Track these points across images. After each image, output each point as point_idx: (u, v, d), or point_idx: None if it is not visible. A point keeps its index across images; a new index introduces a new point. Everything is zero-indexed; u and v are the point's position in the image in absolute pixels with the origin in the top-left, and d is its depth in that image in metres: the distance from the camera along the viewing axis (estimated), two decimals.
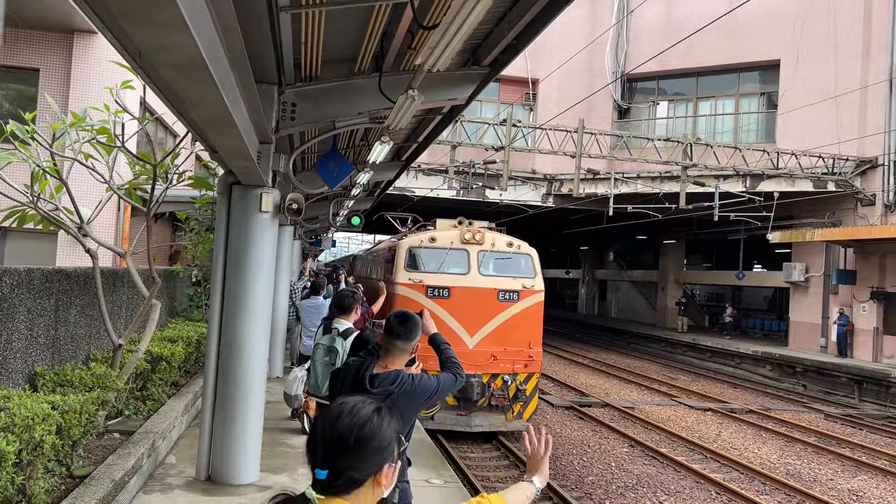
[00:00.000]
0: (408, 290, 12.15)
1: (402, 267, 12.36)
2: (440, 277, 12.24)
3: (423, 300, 11.90)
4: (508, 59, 6.65)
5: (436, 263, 12.43)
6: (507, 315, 12.30)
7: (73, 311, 7.08)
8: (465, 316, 12.08)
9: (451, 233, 12.81)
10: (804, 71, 25.21)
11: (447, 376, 3.56)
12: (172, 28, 2.36)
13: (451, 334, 11.74)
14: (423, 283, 12.15)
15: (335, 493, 1.70)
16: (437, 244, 12.59)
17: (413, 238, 12.93)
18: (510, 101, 27.82)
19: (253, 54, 4.96)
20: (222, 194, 6.44)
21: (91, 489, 4.91)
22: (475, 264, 12.43)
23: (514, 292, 12.43)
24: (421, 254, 12.53)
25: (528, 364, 12.41)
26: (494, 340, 12.18)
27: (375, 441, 1.72)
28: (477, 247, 12.60)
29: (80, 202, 7.30)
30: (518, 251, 12.90)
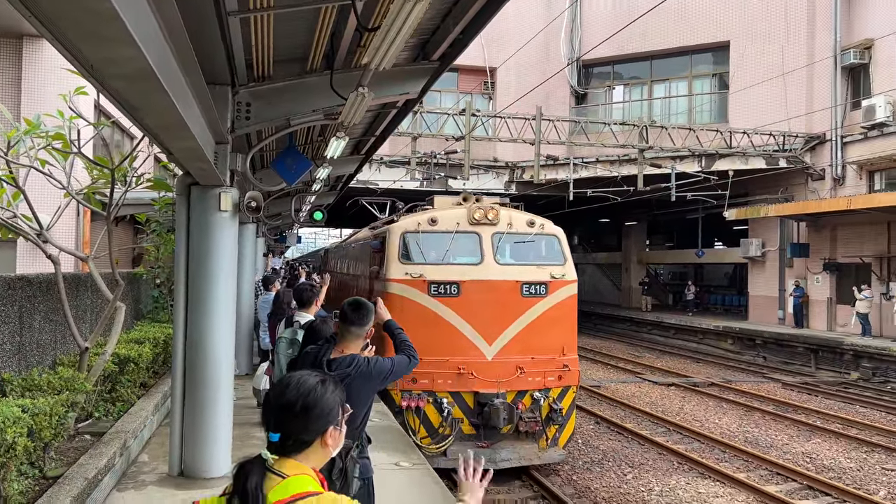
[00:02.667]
0: (404, 289, 9.60)
1: (395, 258, 9.82)
2: (446, 270, 9.71)
3: (426, 301, 9.47)
4: (457, 53, 6.85)
5: (439, 251, 9.91)
6: (535, 314, 9.78)
7: (38, 317, 7.14)
8: (481, 318, 9.52)
9: (455, 212, 10.19)
10: (753, 51, 25.84)
11: (401, 358, 3.79)
12: (120, 42, 2.52)
13: (463, 343, 9.47)
14: (425, 279, 9.54)
15: (287, 453, 1.96)
16: (440, 226, 9.98)
17: (408, 220, 10.29)
18: (469, 90, 28.02)
19: (205, 58, 5.09)
20: (181, 195, 6.55)
21: (65, 488, 5.03)
22: (489, 250, 9.86)
23: (542, 284, 9.87)
24: (419, 240, 9.93)
25: (563, 376, 9.84)
26: (519, 348, 9.63)
27: (318, 407, 1.98)
28: (490, 228, 10.01)
29: (39, 209, 7.34)
30: (542, 231, 10.35)
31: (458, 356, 9.39)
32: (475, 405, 9.39)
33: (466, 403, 9.45)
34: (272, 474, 1.92)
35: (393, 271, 9.78)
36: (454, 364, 9.34)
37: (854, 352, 19.64)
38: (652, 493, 9.74)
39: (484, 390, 9.32)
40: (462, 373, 9.32)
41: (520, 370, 9.54)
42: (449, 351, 9.36)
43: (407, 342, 3.91)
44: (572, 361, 9.98)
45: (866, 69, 23.10)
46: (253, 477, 1.91)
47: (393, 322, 4.00)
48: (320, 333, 4.26)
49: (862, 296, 20.67)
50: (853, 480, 10.31)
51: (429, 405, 9.26)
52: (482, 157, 25.96)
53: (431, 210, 10.68)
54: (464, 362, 9.36)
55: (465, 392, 9.41)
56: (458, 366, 9.34)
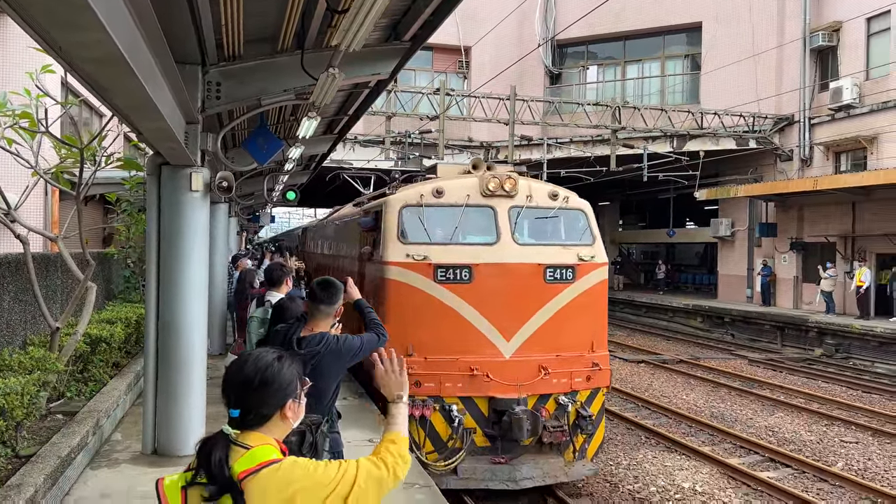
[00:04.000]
0: (404, 274, 8.12)
1: (393, 237, 8.33)
2: (455, 251, 8.24)
3: (431, 288, 8.07)
4: (428, 34, 6.88)
5: (446, 229, 8.45)
6: (560, 303, 8.36)
7: (7, 297, 7.10)
8: (497, 309, 8.13)
9: (465, 181, 8.64)
10: (724, 32, 26.08)
11: (370, 336, 3.88)
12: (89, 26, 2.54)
13: (476, 339, 8.07)
14: (430, 262, 8.09)
15: (248, 427, 2.05)
16: (447, 199, 8.47)
17: (408, 192, 8.74)
18: (443, 69, 27.94)
19: (174, 37, 5.08)
20: (152, 175, 6.54)
21: (38, 466, 5.08)
22: (506, 228, 8.39)
23: (568, 268, 8.44)
24: (423, 215, 8.42)
25: (593, 376, 8.50)
26: (542, 344, 8.26)
27: (276, 382, 2.07)
28: (507, 201, 8.52)
29: (6, 188, 7.27)
30: (566, 205, 8.86)
31: (469, 354, 8.01)
32: (490, 412, 8.03)
33: (480, 411, 8.06)
34: (236, 447, 2.00)
35: (391, 253, 8.23)
36: (465, 364, 7.96)
37: (818, 329, 20.17)
38: (619, 466, 10.01)
39: (501, 395, 7.97)
40: (475, 374, 7.95)
41: (543, 371, 8.14)
42: (459, 348, 8.01)
43: (376, 321, 4.01)
44: (603, 359, 8.60)
45: (834, 52, 23.47)
46: (217, 451, 1.98)
47: (362, 301, 4.09)
48: (288, 312, 4.34)
49: (826, 274, 21.17)
50: (813, 452, 10.68)
51: (435, 414, 7.90)
52: (457, 136, 25.97)
53: (436, 180, 9.01)
54: (477, 362, 7.99)
55: (478, 397, 8.04)
56: (471, 366, 7.96)
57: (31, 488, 4.64)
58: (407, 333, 7.87)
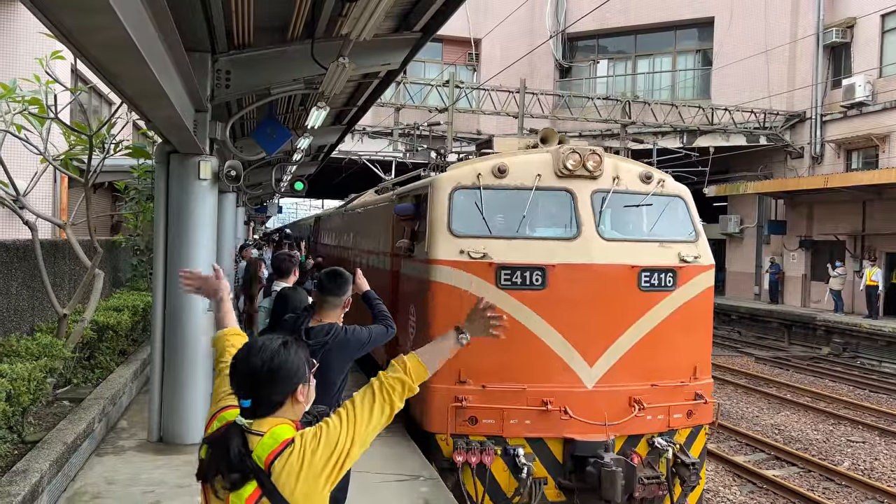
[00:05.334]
0: (456, 276, 6.44)
1: (442, 227, 6.63)
2: (523, 247, 6.53)
3: (492, 295, 6.07)
4: (439, 24, 6.83)
5: (511, 219, 6.76)
6: (657, 317, 6.66)
7: (15, 283, 7.12)
8: (578, 324, 6.43)
9: (534, 158, 6.92)
10: (737, 27, 25.87)
11: (379, 328, 3.86)
12: (98, 10, 2.52)
13: (550, 363, 6.39)
14: (491, 260, 6.40)
15: (261, 416, 2.04)
16: (511, 180, 6.74)
17: (461, 170, 7.03)
18: (453, 61, 27.84)
19: (184, 25, 5.06)
20: (160, 163, 6.53)
21: (44, 452, 5.08)
22: (589, 218, 6.66)
23: (668, 272, 6.72)
24: (481, 200, 6.68)
25: (695, 411, 6.79)
26: (634, 370, 6.56)
27: (284, 369, 2.05)
28: (589, 183, 6.76)
29: (15, 174, 7.27)
30: (662, 191, 7.08)
31: (541, 383, 6.36)
32: (567, 458, 6.37)
33: (553, 456, 6.43)
34: (253, 435, 2.00)
35: (439, 248, 6.51)
36: (535, 395, 6.32)
37: (826, 327, 20.06)
38: None
39: (582, 436, 6.31)
40: (548, 409, 6.28)
41: (636, 404, 6.45)
42: (527, 375, 6.37)
43: (385, 312, 3.98)
44: (707, 389, 6.91)
45: (848, 48, 23.25)
46: (234, 442, 1.98)
47: (371, 292, 4.06)
48: (291, 302, 4.33)
49: (835, 273, 21.05)
50: (819, 451, 10.63)
51: (497, 460, 6.26)
52: (465, 129, 25.89)
53: (496, 155, 7.27)
54: (551, 392, 6.33)
55: (551, 439, 6.39)
56: (543, 398, 6.30)
57: (36, 474, 4.65)
58: (459, 354, 6.25)
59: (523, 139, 8.03)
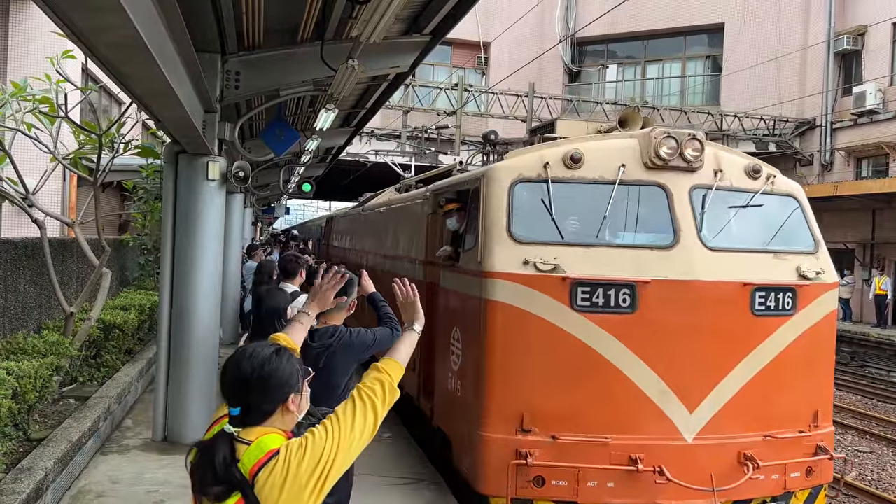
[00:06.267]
0: (520, 293, 5.11)
1: (499, 232, 5.28)
2: (605, 257, 5.22)
3: (565, 319, 5.05)
4: (449, 27, 6.83)
5: (588, 221, 5.41)
6: (774, 349, 5.34)
7: (23, 281, 7.15)
8: (674, 358, 5.11)
9: (615, 144, 5.61)
10: (747, 34, 25.81)
11: (384, 331, 3.83)
12: (109, 10, 2.52)
13: (639, 408, 5.07)
14: (565, 275, 5.08)
15: (251, 424, 1.99)
16: (587, 171, 5.40)
17: (522, 158, 5.61)
18: (462, 64, 27.87)
19: (195, 25, 5.07)
20: (169, 163, 6.54)
21: (49, 450, 5.09)
22: (689, 221, 5.32)
23: (787, 291, 5.39)
24: (550, 196, 5.31)
25: (815, 468, 5.47)
26: (744, 416, 5.23)
27: (274, 378, 2.00)
28: (686, 177, 5.44)
29: (25, 172, 7.30)
30: (773, 189, 5.76)
31: (628, 433, 5.04)
32: None
33: None
34: (241, 444, 1.95)
35: (497, 257, 5.14)
36: (622, 450, 4.99)
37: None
38: None
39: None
40: (638, 469, 4.93)
41: (748, 462, 5.11)
42: (610, 423, 5.05)
43: (390, 314, 3.95)
44: (828, 439, 5.58)
45: (859, 56, 23.16)
46: (220, 450, 1.93)
47: (377, 294, 4.04)
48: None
49: (844, 281, 20.92)
50: None
51: None
52: (473, 132, 25.86)
53: (565, 141, 5.77)
54: (641, 446, 5.00)
55: None
56: (631, 453, 4.99)
57: (41, 472, 4.66)
58: (521, 394, 4.99)
59: (593, 124, 6.68)
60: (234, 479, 1.90)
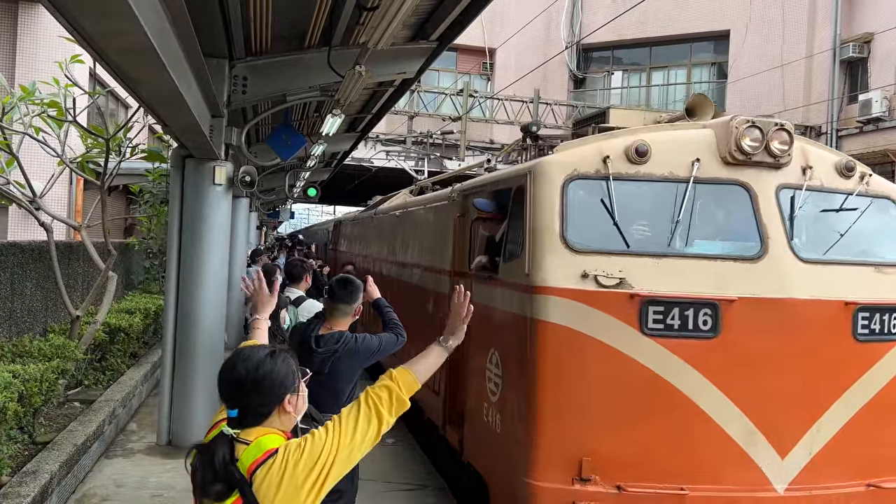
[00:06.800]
0: (577, 313, 4.26)
1: (550, 239, 4.42)
2: (680, 270, 4.37)
3: (632, 344, 4.21)
4: (455, 34, 6.85)
5: (657, 226, 4.65)
6: (878, 381, 4.56)
7: (29, 284, 7.17)
8: (763, 392, 4.29)
9: (689, 136, 4.77)
10: (753, 41, 25.81)
11: (389, 336, 3.84)
12: (119, 16, 2.54)
13: (722, 452, 4.25)
14: (632, 291, 4.25)
15: (249, 426, 2.01)
16: (655, 166, 4.57)
17: (578, 151, 4.73)
18: (467, 70, 27.92)
19: (203, 30, 5.09)
20: (176, 167, 6.57)
21: (54, 454, 5.10)
22: (777, 227, 4.51)
23: (893, 311, 4.62)
24: (612, 196, 4.45)
25: None
26: (846, 461, 4.43)
27: (269, 379, 2.02)
28: (773, 175, 4.66)
29: (32, 176, 7.34)
30: (867, 190, 4.94)
31: (707, 483, 4.27)
32: None
33: None
34: (240, 444, 1.98)
35: (549, 269, 4.34)
36: (699, 503, 4.26)
37: None
38: None
39: None
40: None
41: None
42: (686, 469, 4.27)
43: (395, 320, 3.96)
44: None
45: (864, 63, 23.12)
46: (219, 450, 1.95)
47: (382, 300, 4.05)
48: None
49: None
50: None
51: None
52: (478, 138, 25.90)
53: (626, 132, 4.87)
54: (723, 498, 4.29)
55: None
56: None
57: (46, 475, 4.67)
58: (578, 435, 4.22)
59: (651, 113, 5.88)
60: (234, 477, 1.92)
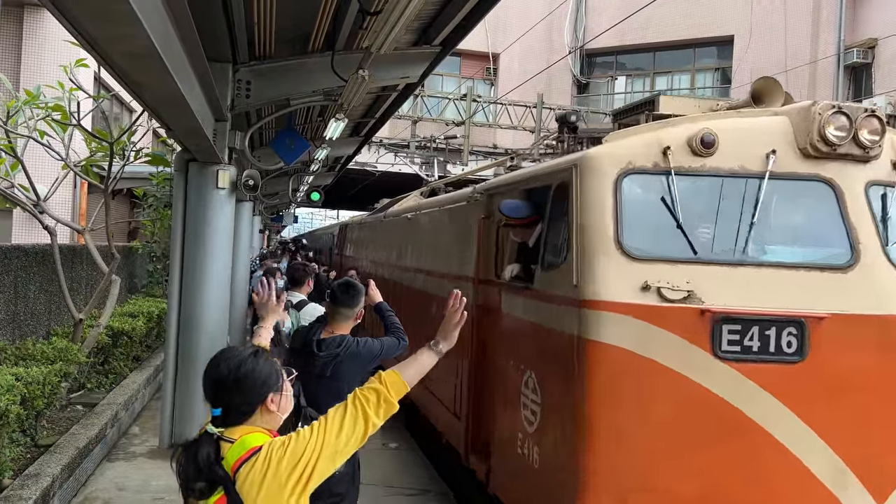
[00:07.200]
0: (639, 332, 3.60)
1: (603, 244, 3.77)
2: (758, 282, 3.70)
3: (704, 370, 3.57)
4: (458, 39, 6.86)
5: (726, 229, 3.88)
6: None
7: (33, 287, 7.18)
8: (857, 427, 3.62)
9: (761, 124, 4.09)
10: (757, 46, 25.81)
11: (391, 340, 3.84)
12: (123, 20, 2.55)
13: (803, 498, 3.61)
14: (703, 306, 3.59)
15: (232, 424, 2.04)
16: (722, 159, 3.90)
17: (630, 141, 4.04)
18: (471, 75, 27.96)
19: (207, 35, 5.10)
20: (179, 171, 6.57)
21: (56, 457, 5.11)
22: (869, 231, 3.84)
23: None
24: (675, 194, 3.81)
25: None
26: None
27: (251, 378, 2.05)
28: (860, 169, 3.95)
29: (36, 179, 7.36)
30: None
31: None
32: None
33: None
34: (224, 442, 1.99)
35: (603, 280, 3.76)
36: None
37: None
38: None
39: None
40: None
41: None
42: None
43: (397, 324, 3.96)
44: None
45: (869, 69, 23.10)
46: (203, 448, 1.97)
47: (384, 304, 4.05)
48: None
49: None
50: None
51: None
52: (482, 143, 25.93)
53: (686, 120, 4.21)
54: None
55: None
56: None
57: (48, 478, 4.67)
58: (636, 474, 3.65)
59: (705, 101, 5.20)
60: (218, 475, 1.93)
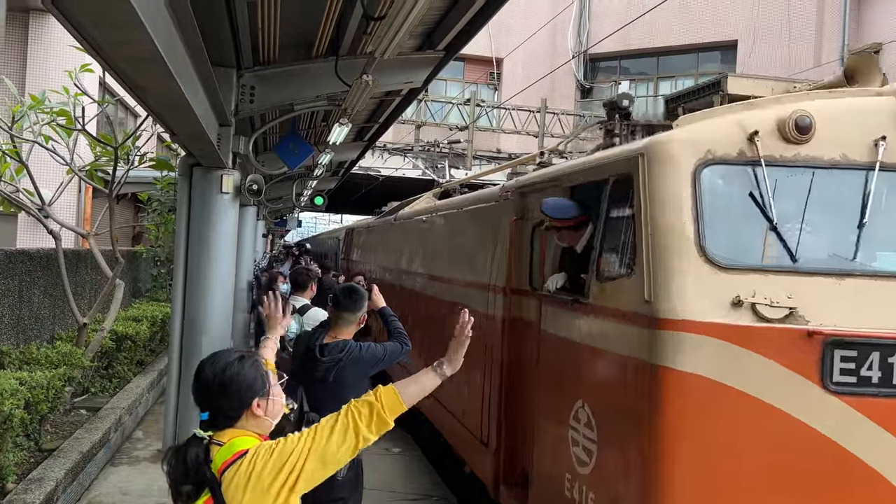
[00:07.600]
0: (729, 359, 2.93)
1: (685, 252, 3.06)
2: (873, 295, 3.03)
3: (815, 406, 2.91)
4: (462, 44, 6.87)
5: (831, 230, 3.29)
6: None
7: (37, 291, 7.20)
8: None
9: (864, 105, 3.46)
10: (760, 50, 25.79)
11: (394, 345, 3.83)
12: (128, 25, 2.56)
13: None
14: (809, 327, 2.92)
15: (220, 427, 2.06)
16: (818, 148, 3.21)
17: (708, 125, 3.35)
18: (475, 80, 28.00)
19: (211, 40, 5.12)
20: (183, 176, 6.58)
21: (59, 461, 5.11)
22: None
23: None
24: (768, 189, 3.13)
25: None
26: None
27: (236, 382, 2.06)
28: None
29: (41, 184, 7.39)
30: None
31: None
32: None
33: None
34: (214, 445, 2.01)
35: (684, 294, 3.04)
36: None
37: None
38: None
39: None
40: None
41: None
42: None
43: (400, 329, 3.96)
44: None
45: None
46: (191, 451, 1.99)
47: (387, 308, 4.05)
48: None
49: None
50: None
51: None
52: (485, 147, 25.94)
53: (772, 101, 3.54)
54: None
55: None
56: None
57: (51, 482, 4.67)
58: None
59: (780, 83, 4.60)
60: (205, 477, 1.95)
